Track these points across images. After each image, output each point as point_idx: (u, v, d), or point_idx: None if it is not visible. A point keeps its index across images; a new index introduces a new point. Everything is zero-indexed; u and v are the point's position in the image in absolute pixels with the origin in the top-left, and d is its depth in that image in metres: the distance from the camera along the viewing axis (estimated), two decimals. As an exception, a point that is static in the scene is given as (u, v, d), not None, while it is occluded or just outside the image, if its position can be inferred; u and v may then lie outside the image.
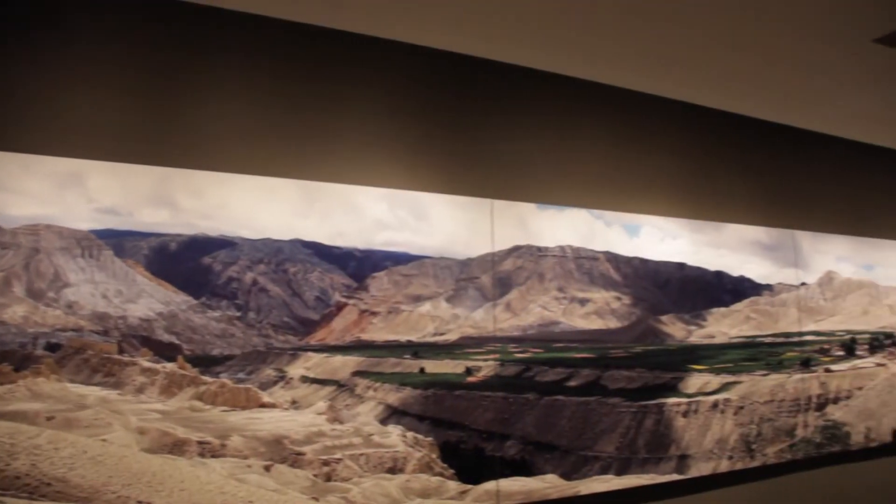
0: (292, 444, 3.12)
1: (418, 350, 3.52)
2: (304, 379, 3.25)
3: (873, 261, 5.91)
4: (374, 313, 3.44)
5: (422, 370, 3.51)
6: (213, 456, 2.93)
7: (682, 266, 4.52)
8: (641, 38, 3.69)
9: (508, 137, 3.93)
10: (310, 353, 3.29)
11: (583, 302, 4.05)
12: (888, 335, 5.83)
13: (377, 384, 3.39)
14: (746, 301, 4.86)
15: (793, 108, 4.96)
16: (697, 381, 4.45)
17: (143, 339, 2.93)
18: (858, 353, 5.57)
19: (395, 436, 3.38)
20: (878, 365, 5.69)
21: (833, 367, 5.33)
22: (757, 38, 3.71)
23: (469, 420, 3.57)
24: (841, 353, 5.43)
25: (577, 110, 4.24)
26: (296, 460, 3.10)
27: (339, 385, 3.32)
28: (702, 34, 3.66)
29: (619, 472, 4.02)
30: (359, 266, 3.41)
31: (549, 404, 3.83)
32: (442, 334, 3.56)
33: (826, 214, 5.64)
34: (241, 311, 3.19)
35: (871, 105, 4.92)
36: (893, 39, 3.83)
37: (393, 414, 3.39)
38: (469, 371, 3.61)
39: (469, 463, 3.54)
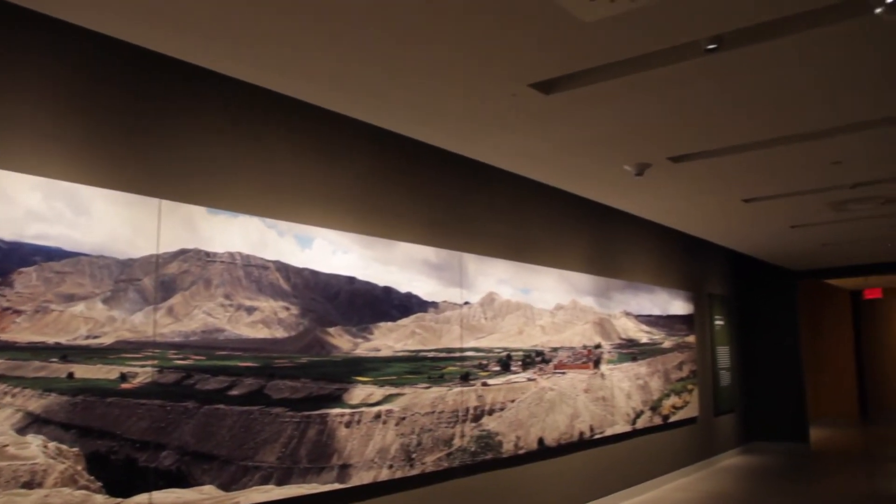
0: None
1: (67, 353, 3.53)
2: (-72, 382, 3.12)
3: (530, 285, 6.89)
4: (17, 312, 3.40)
5: (70, 375, 3.53)
6: None
7: (352, 280, 4.97)
8: (326, 57, 4.08)
9: (184, 137, 4.10)
10: (-64, 354, 3.17)
11: (250, 310, 4.31)
12: (539, 353, 6.82)
13: (16, 389, 3.36)
14: (413, 317, 5.45)
15: (463, 139, 5.70)
16: (361, 392, 4.91)
17: None
18: (513, 368, 6.46)
19: (34, 446, 3.37)
20: (529, 380, 6.65)
21: (490, 381, 6.14)
22: (428, 70, 4.30)
23: (122, 429, 3.65)
24: (497, 368, 6.26)
25: (258, 119, 4.54)
26: (-90, 475, 2.97)
27: (-29, 390, 3.23)
28: (379, 65, 4.17)
29: (281, 482, 4.32)
30: (3, 259, 3.36)
31: (210, 413, 4.03)
32: (96, 337, 3.61)
33: (491, 240, 6.49)
34: None
35: (529, 143, 5.82)
36: (547, 86, 4.62)
37: (34, 422, 3.38)
38: (124, 377, 3.70)
39: (119, 475, 3.62)
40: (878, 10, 3.59)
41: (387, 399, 5.12)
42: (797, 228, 10.10)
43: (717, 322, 12.13)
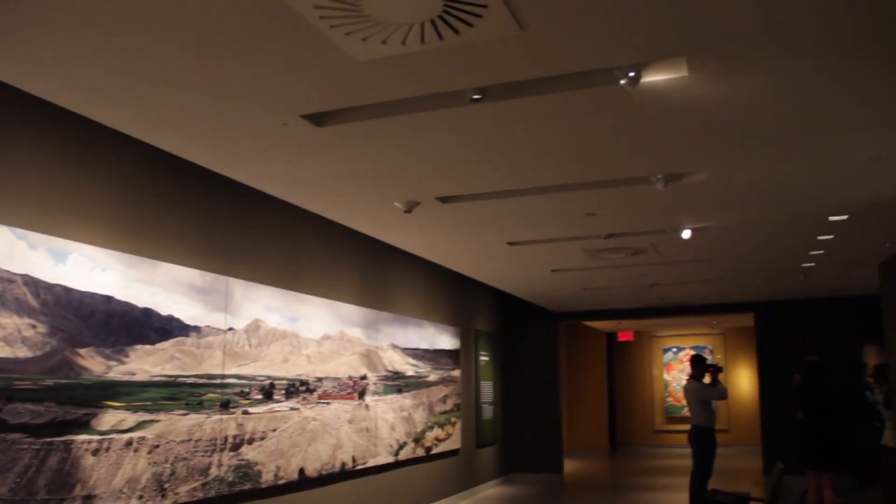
0: None
1: None
2: None
3: (298, 314, 6.99)
4: None
5: None
6: None
7: (109, 299, 4.83)
8: (88, 66, 4.02)
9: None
10: None
11: (-11, 326, 4.08)
12: (303, 382, 6.92)
13: None
14: (173, 340, 5.37)
15: (234, 164, 5.76)
16: (112, 418, 4.77)
17: None
18: (276, 397, 6.50)
19: None
20: (293, 409, 6.72)
21: (251, 409, 6.14)
22: (200, 92, 4.34)
23: None
24: (260, 396, 6.28)
25: (13, 123, 4.33)
26: None
27: None
28: (147, 82, 4.16)
29: (13, 514, 4.09)
30: None
31: (-65, 437, 3.76)
32: None
33: (260, 266, 6.54)
34: None
35: (300, 173, 5.98)
36: (319, 118, 4.79)
37: None
38: None
39: None
40: (622, 82, 4.10)
41: (140, 425, 4.99)
42: (558, 272, 10.91)
43: (483, 357, 12.77)
